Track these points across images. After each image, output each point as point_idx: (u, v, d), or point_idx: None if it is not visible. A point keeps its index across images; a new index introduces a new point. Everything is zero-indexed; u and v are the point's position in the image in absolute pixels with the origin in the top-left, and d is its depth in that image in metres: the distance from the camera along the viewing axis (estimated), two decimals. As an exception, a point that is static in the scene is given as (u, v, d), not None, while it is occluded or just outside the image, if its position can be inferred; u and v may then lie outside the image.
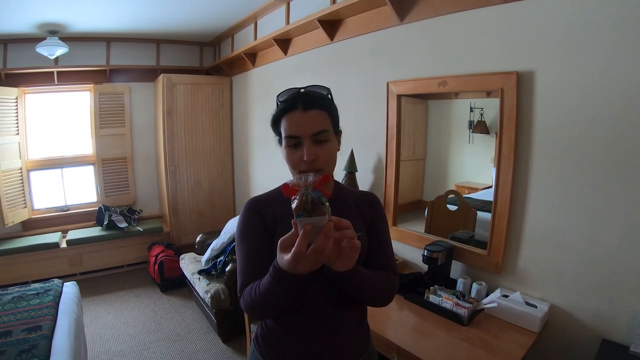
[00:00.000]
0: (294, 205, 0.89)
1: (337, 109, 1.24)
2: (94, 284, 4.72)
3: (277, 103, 1.21)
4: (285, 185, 0.91)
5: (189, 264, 4.08)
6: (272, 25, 3.93)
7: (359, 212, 1.30)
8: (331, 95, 1.23)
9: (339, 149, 1.24)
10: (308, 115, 1.14)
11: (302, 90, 1.18)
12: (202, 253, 4.21)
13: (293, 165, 1.17)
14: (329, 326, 1.23)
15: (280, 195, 1.20)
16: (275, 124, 1.22)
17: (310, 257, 0.90)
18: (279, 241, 0.96)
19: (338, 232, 0.93)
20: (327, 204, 0.90)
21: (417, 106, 2.80)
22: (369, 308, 1.37)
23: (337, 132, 1.24)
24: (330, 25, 3.18)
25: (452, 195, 2.61)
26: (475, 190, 2.57)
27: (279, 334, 1.26)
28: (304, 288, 1.06)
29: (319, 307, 1.21)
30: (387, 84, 2.75)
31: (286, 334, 1.25)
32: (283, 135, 1.18)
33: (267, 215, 1.24)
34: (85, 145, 5.33)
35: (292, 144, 1.15)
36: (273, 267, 1.02)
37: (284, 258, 0.94)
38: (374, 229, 1.30)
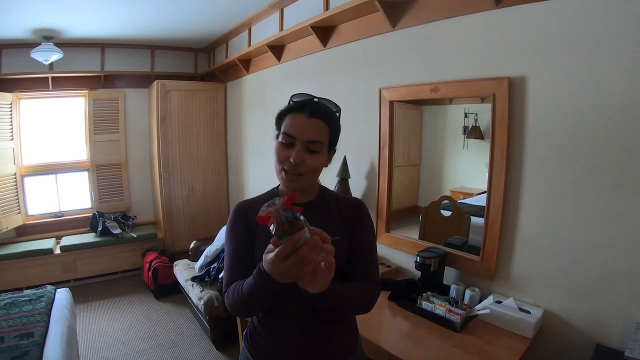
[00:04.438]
0: (273, 231, 0.91)
1: (339, 129, 1.30)
2: (88, 290, 4.70)
3: (290, 102, 1.28)
4: (258, 217, 0.93)
5: (183, 271, 4.07)
6: (266, 31, 3.94)
7: (341, 216, 1.33)
8: (339, 115, 1.30)
9: (327, 165, 1.29)
10: (310, 122, 1.19)
11: (316, 99, 1.26)
12: (195, 259, 4.19)
13: (279, 160, 1.22)
14: (311, 329, 1.25)
15: (266, 200, 1.27)
16: (280, 119, 1.26)
17: (291, 264, 0.91)
18: (268, 246, 0.98)
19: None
20: (302, 217, 0.92)
21: (411, 112, 2.80)
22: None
23: (331, 149, 1.29)
24: (323, 31, 3.19)
25: (446, 201, 2.61)
26: (470, 195, 2.57)
27: (263, 334, 1.30)
28: (287, 290, 1.07)
29: (300, 309, 1.23)
30: (380, 90, 2.76)
31: (270, 334, 1.29)
32: (281, 130, 1.23)
33: (251, 218, 1.28)
34: (79, 151, 5.31)
35: (286, 141, 1.20)
36: (257, 268, 1.05)
37: (267, 257, 0.96)
38: (356, 235, 1.31)
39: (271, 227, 0.91)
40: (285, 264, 0.91)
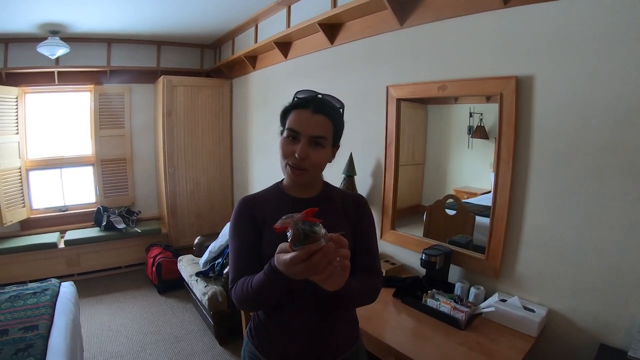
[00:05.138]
0: (289, 238, 0.93)
1: (343, 125, 1.32)
2: (92, 284, 4.71)
3: (294, 98, 1.31)
4: (275, 227, 0.93)
5: (187, 266, 4.08)
6: (272, 28, 3.93)
7: (345, 212, 1.36)
8: (343, 111, 1.33)
9: (330, 161, 1.31)
10: (315, 118, 1.21)
11: (320, 95, 1.28)
12: (200, 255, 4.21)
13: (284, 155, 1.25)
14: (318, 321, 1.28)
15: (271, 195, 1.36)
16: (284, 115, 1.29)
17: (304, 267, 0.92)
18: (280, 244, 0.99)
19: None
20: (320, 228, 0.93)
21: (416, 111, 2.80)
22: (365, 310, 1.44)
23: (335, 145, 1.32)
24: (331, 28, 3.19)
25: (450, 200, 2.62)
26: (474, 195, 2.58)
27: (270, 328, 1.32)
28: (294, 285, 1.08)
29: (308, 302, 1.26)
30: (387, 87, 2.76)
31: (277, 328, 1.31)
32: (286, 126, 1.25)
33: (256, 213, 1.31)
34: (84, 145, 5.32)
35: (291, 136, 1.23)
36: (269, 265, 1.06)
37: (281, 257, 0.97)
38: (359, 230, 1.35)
39: (288, 233, 0.92)
40: (298, 268, 0.93)
